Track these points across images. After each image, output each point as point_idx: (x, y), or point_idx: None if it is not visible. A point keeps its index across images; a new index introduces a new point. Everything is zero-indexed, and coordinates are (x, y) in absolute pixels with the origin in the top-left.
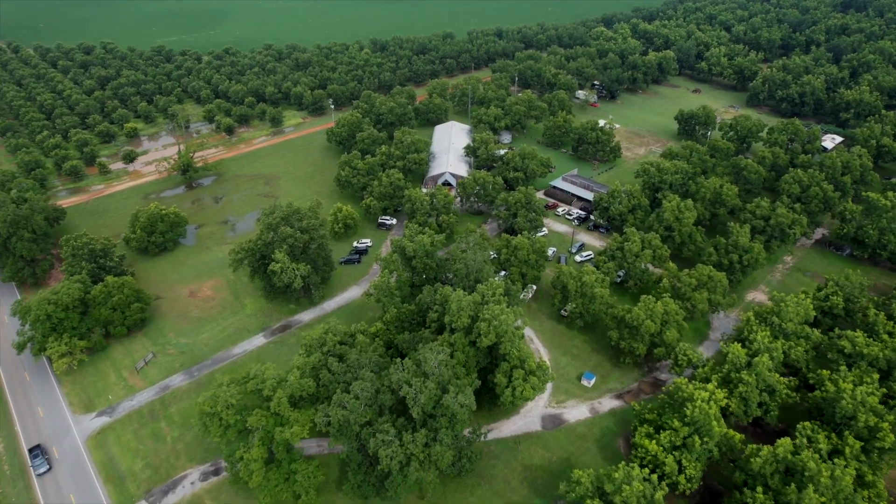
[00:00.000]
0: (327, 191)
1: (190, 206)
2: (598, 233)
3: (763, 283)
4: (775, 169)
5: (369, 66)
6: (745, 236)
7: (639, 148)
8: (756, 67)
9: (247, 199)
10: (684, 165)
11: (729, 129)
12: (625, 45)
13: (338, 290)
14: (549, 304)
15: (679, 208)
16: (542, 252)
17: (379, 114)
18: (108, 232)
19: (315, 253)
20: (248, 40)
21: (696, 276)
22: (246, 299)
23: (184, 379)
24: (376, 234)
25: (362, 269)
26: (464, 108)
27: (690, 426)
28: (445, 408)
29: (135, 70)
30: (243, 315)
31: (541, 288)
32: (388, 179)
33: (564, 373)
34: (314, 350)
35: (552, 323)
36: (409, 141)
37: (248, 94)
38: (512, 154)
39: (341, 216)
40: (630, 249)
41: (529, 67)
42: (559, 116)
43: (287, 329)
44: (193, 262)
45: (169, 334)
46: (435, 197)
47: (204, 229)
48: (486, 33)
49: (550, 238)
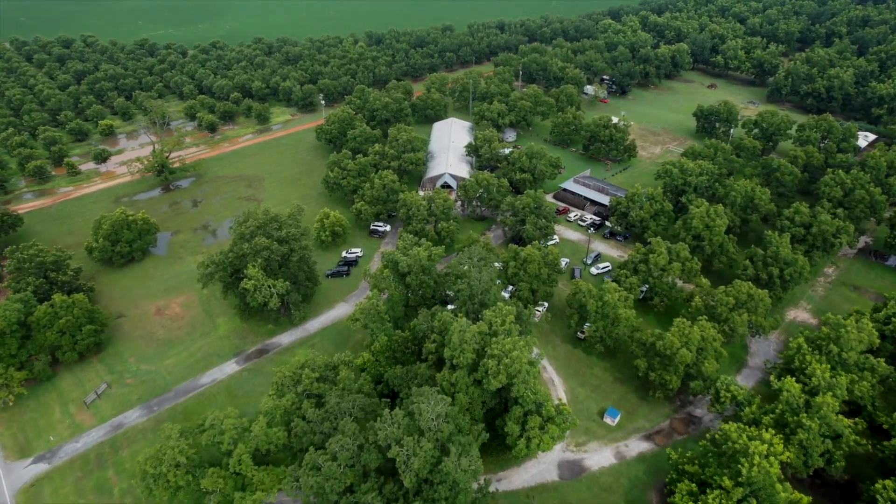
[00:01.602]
0: (315, 194)
1: (165, 211)
2: (615, 241)
3: (804, 300)
4: (808, 170)
5: (363, 59)
6: (785, 247)
7: (654, 147)
8: (777, 61)
9: (227, 203)
10: (710, 166)
11: (753, 126)
12: (635, 38)
13: (323, 308)
14: (564, 325)
15: (709, 214)
16: (555, 265)
17: (373, 110)
18: (72, 239)
19: (296, 267)
20: (238, 35)
21: (733, 293)
22: (219, 318)
23: (141, 415)
24: (368, 243)
25: (351, 282)
26: (464, 103)
27: (745, 487)
28: (445, 474)
29: (115, 64)
30: (215, 337)
31: (553, 304)
32: (381, 181)
33: (584, 408)
34: (287, 389)
35: (567, 347)
36: (404, 139)
37: (233, 90)
38: (518, 153)
39: (328, 223)
40: (656, 262)
41: (534, 61)
42: (568, 112)
43: (264, 354)
44: (163, 275)
45: (129, 360)
46: (433, 201)
47: (178, 237)
48: (487, 26)
49: (562, 247)
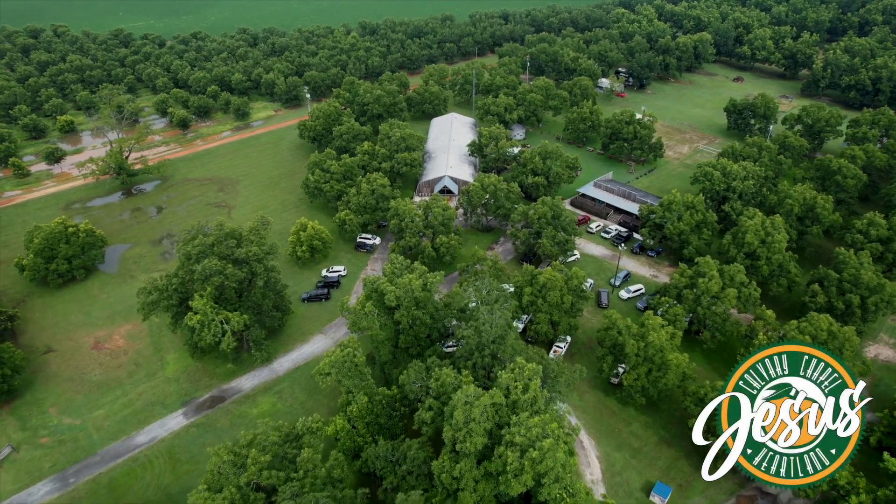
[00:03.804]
0: (295, 199)
1: (123, 219)
2: (646, 257)
3: (883, 332)
4: (867, 172)
5: (355, 50)
6: (868, 268)
7: (681, 146)
8: (811, 51)
9: (193, 210)
10: (756, 169)
11: (795, 122)
12: (651, 28)
13: (296, 342)
14: (592, 365)
15: (765, 227)
16: (580, 292)
17: (363, 104)
18: (9, 254)
19: (259, 294)
20: (224, 27)
21: (810, 330)
22: (169, 354)
23: (52, 489)
24: (354, 259)
25: (332, 307)
26: (466, 97)
27: None
28: None
29: (84, 55)
30: (162, 379)
31: (576, 337)
32: (369, 186)
33: (623, 481)
34: (226, 480)
35: (597, 395)
36: (397, 136)
37: (211, 83)
38: (530, 153)
39: (306, 236)
40: (707, 288)
41: (543, 51)
42: (584, 107)
43: (219, 403)
44: (109, 298)
45: (50, 410)
46: (430, 210)
47: (133, 250)
48: (490, 16)
49: (583, 263)
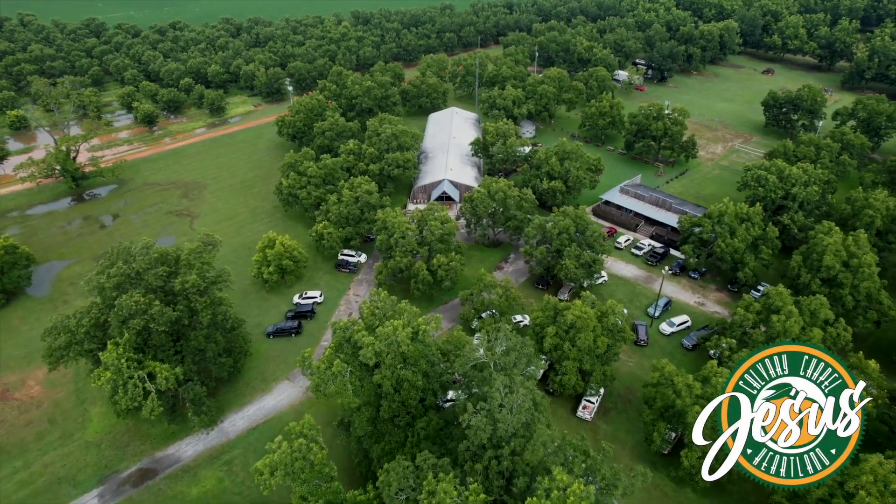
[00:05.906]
0: (269, 207)
1: (66, 230)
2: (688, 279)
3: None
4: None
5: (346, 40)
6: None
7: (713, 145)
8: (852, 39)
9: (150, 220)
10: (819, 172)
11: (848, 117)
12: (669, 17)
13: (255, 391)
14: (632, 425)
15: (846, 246)
16: (618, 332)
17: (352, 97)
18: None
19: (200, 338)
20: (208, 17)
21: None
22: (95, 407)
23: None
24: (334, 281)
25: (306, 343)
26: (468, 90)
27: None
28: None
29: (49, 45)
30: (79, 443)
31: (612, 389)
32: (352, 193)
33: None
34: None
35: (642, 468)
36: (388, 133)
37: (185, 75)
38: (545, 153)
39: (274, 254)
40: (784, 327)
41: (553, 40)
42: (604, 100)
43: (148, 479)
44: (31, 331)
45: None
46: (426, 223)
47: (73, 268)
48: (493, 5)
49: (612, 287)
